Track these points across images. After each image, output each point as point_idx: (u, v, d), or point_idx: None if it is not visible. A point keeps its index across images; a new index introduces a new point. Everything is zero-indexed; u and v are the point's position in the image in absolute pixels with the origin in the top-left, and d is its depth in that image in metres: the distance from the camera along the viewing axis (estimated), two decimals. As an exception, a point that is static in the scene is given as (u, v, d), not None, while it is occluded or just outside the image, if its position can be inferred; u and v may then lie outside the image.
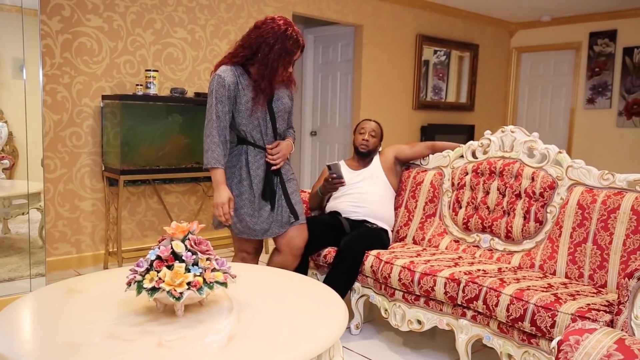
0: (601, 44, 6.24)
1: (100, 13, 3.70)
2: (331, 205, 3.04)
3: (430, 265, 2.42)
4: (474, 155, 2.90)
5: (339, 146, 5.71)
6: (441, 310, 2.36)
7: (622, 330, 1.77)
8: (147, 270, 1.60)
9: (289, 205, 2.51)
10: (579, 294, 2.06)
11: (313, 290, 1.95)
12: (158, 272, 1.58)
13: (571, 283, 2.24)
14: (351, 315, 2.67)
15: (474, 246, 2.76)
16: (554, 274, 2.40)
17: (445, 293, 2.29)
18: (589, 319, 1.85)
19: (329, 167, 2.84)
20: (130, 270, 1.61)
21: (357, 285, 2.70)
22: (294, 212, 2.52)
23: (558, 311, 1.92)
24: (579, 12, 6.17)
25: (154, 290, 1.55)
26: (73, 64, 3.63)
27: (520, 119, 7.09)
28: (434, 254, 2.64)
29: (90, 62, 3.69)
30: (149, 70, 3.71)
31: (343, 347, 2.51)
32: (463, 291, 2.24)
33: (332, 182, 2.87)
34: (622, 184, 2.35)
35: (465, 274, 2.30)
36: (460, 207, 2.86)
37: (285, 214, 2.51)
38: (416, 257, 2.56)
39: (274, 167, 2.48)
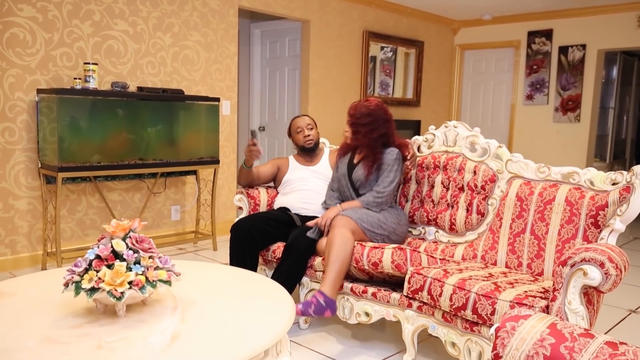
0: (538, 43, 6.50)
1: (33, 3, 3.51)
2: (281, 201, 3.02)
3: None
4: (419, 149, 2.96)
5: (287, 141, 5.69)
6: (388, 302, 2.40)
7: (557, 315, 1.86)
8: (86, 270, 1.54)
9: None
10: (518, 282, 2.15)
11: (260, 286, 1.94)
12: (97, 271, 1.52)
13: (510, 272, 2.33)
14: (300, 310, 2.67)
15: (419, 239, 2.82)
16: (494, 264, 2.48)
17: (392, 285, 2.33)
18: (526, 305, 1.93)
19: (252, 132, 2.77)
20: (68, 270, 1.55)
21: (305, 279, 2.70)
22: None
23: (497, 299, 1.99)
24: (518, 12, 6.41)
25: (93, 290, 1.50)
26: (4, 56, 3.43)
27: (464, 114, 7.30)
28: (380, 247, 2.67)
29: (23, 54, 3.51)
30: (88, 63, 3.56)
31: (292, 341, 2.51)
32: (409, 282, 2.28)
33: (251, 150, 2.81)
34: (557, 177, 2.46)
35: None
36: (407, 201, 2.91)
37: None
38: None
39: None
